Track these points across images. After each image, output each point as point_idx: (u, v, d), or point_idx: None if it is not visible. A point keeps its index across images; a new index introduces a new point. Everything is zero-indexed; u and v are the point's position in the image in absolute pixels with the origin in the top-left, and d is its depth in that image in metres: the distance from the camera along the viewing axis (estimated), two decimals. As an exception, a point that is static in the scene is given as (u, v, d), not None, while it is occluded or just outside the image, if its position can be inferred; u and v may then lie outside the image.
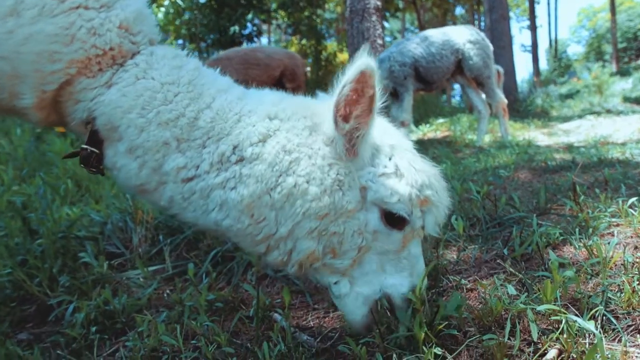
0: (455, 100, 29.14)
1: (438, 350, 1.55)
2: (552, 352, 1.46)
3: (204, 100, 1.73)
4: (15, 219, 3.65)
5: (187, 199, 1.70)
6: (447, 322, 1.71)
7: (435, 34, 8.26)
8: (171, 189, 1.70)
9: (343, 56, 22.65)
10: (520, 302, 1.66)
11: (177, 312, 2.18)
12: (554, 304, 1.56)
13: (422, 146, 8.41)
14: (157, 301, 2.66)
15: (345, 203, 1.61)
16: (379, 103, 1.60)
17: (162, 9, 18.25)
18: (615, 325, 1.55)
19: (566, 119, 12.60)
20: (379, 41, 10.67)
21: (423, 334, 1.53)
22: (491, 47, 8.35)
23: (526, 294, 1.77)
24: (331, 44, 25.78)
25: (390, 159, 1.68)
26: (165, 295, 2.71)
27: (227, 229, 1.70)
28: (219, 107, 1.73)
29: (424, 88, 8.42)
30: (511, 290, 1.78)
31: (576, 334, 1.49)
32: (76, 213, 3.97)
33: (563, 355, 1.45)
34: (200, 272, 2.82)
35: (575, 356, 1.41)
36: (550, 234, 2.23)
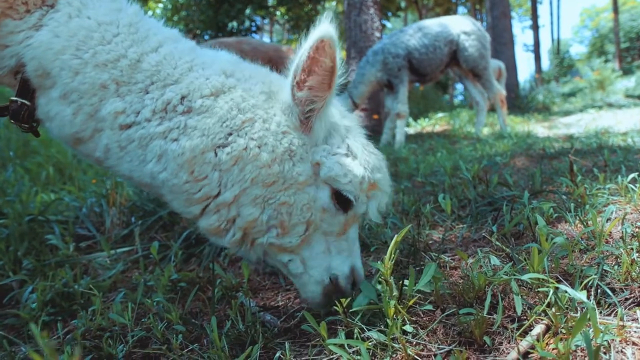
0: (457, 100, 28.95)
1: (409, 327, 1.37)
2: (539, 328, 1.27)
3: (149, 43, 1.60)
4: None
5: (124, 147, 1.57)
6: (421, 297, 1.54)
7: (430, 25, 8.01)
8: (108, 136, 1.56)
9: (343, 54, 22.42)
10: (503, 273, 1.47)
11: (138, 292, 2.00)
12: (542, 276, 1.37)
13: (420, 139, 8.24)
14: (122, 283, 2.49)
15: (295, 174, 1.57)
16: (338, 80, 1.53)
17: (160, 5, 18.12)
18: (612, 297, 1.36)
19: (567, 113, 12.37)
20: (377, 34, 10.45)
21: (392, 309, 1.34)
22: (488, 38, 8.11)
23: (511, 263, 1.58)
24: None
25: (344, 140, 1.66)
26: (133, 277, 2.53)
27: (162, 183, 1.58)
28: (167, 53, 1.60)
29: (418, 80, 8.20)
30: (494, 260, 1.60)
31: (566, 308, 1.30)
32: (51, 198, 3.81)
33: (551, 332, 1.26)
34: (169, 253, 2.64)
35: (564, 332, 1.23)
36: (544, 209, 2.03)
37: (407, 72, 7.82)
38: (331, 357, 1.34)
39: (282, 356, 1.39)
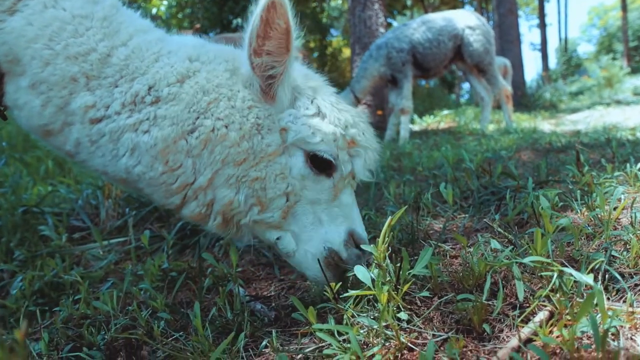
0: (464, 100, 28.73)
1: (403, 315, 1.29)
2: (542, 314, 1.19)
3: (120, 37, 1.59)
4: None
5: (95, 142, 1.55)
6: (419, 285, 1.46)
7: (434, 19, 7.89)
8: (78, 130, 1.54)
9: (348, 50, 22.29)
10: (504, 257, 1.39)
11: (125, 280, 1.93)
12: (546, 259, 1.29)
13: (424, 135, 8.13)
14: (114, 274, 2.43)
15: (264, 146, 1.55)
16: (296, 41, 1.52)
17: (165, 3, 18.06)
18: (620, 282, 1.27)
19: (575, 110, 12.22)
20: (382, 30, 10.35)
21: (386, 294, 1.26)
22: (492, 33, 7.98)
23: (512, 247, 1.49)
24: (337, 39, 25.37)
25: (312, 101, 1.63)
26: (124, 267, 2.47)
27: (138, 177, 1.56)
28: (135, 46, 1.59)
29: (422, 75, 8.08)
30: (495, 244, 1.51)
31: (571, 293, 1.22)
32: (48, 190, 3.76)
33: (555, 318, 1.18)
34: (163, 244, 2.57)
35: (570, 318, 1.14)
36: (549, 195, 1.94)
37: (411, 67, 7.71)
38: (320, 345, 1.26)
39: (268, 344, 1.32)
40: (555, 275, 1.19)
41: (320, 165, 1.59)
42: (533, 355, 1.04)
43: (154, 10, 16.07)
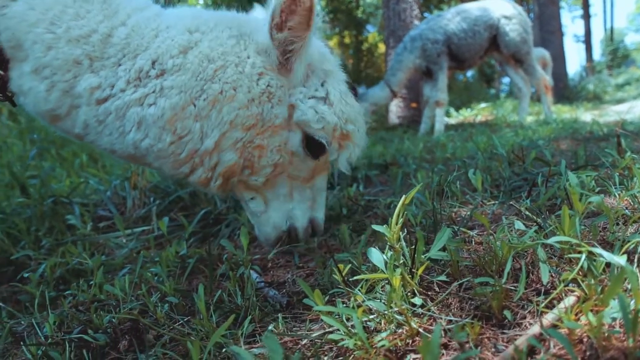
0: (503, 94, 28.01)
1: (417, 300, 1.20)
2: (569, 300, 1.08)
3: (119, 17, 1.61)
4: (14, 187, 3.54)
5: (102, 121, 1.58)
6: (437, 269, 1.37)
7: (469, 8, 7.65)
8: (85, 112, 1.57)
9: (384, 47, 22.06)
10: (528, 239, 1.28)
11: (137, 265, 1.92)
12: (573, 239, 1.17)
13: (460, 128, 7.92)
14: (136, 261, 2.42)
15: (273, 117, 1.59)
16: (317, 18, 1.54)
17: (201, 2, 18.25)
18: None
19: (620, 101, 11.70)
20: (416, 22, 10.15)
21: (398, 278, 1.18)
22: (529, 22, 7.68)
23: (537, 227, 1.38)
24: (373, 35, 25.09)
25: (322, 83, 1.67)
26: (142, 254, 2.46)
27: (146, 151, 1.59)
28: (134, 24, 1.61)
29: (457, 66, 7.86)
30: (519, 225, 1.40)
31: (603, 277, 1.10)
32: (77, 181, 3.82)
33: (583, 305, 1.07)
34: (184, 232, 2.55)
35: (599, 304, 1.03)
36: (583, 179, 1.80)
37: (446, 58, 7.52)
38: (327, 330, 1.19)
39: (274, 329, 1.25)
40: (584, 256, 1.08)
41: (312, 147, 1.67)
42: (557, 343, 0.94)
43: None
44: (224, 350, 1.18)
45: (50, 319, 1.40)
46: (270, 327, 1.27)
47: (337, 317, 1.16)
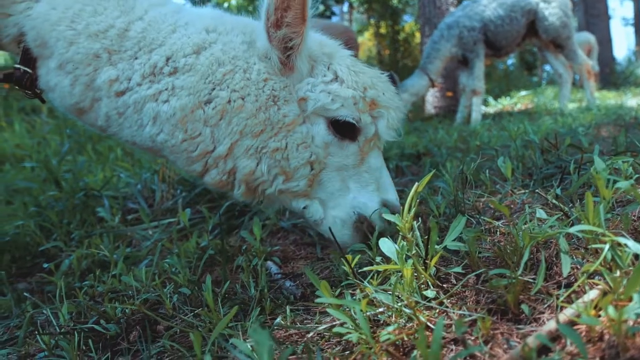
0: (545, 82, 27.09)
1: (430, 293, 1.14)
2: (592, 294, 1.00)
3: (136, 13, 1.66)
4: (50, 181, 3.64)
5: (122, 114, 1.63)
6: (454, 260, 1.30)
7: (505, -7, 7.39)
8: (106, 104, 1.63)
9: (418, 32, 21.60)
10: (548, 227, 1.19)
11: (155, 256, 1.93)
12: (597, 228, 1.08)
13: (497, 117, 7.69)
14: (162, 253, 2.44)
15: (281, 117, 1.57)
16: (311, 10, 1.53)
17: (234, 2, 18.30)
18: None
19: (671, 86, 11.11)
20: (452, 9, 9.92)
21: (410, 269, 1.12)
22: (569, 4, 7.34)
23: (560, 214, 1.29)
24: (409, 24, 24.66)
25: (328, 67, 1.63)
26: (166, 246, 2.48)
27: (162, 145, 1.63)
28: (151, 19, 1.65)
29: (493, 54, 7.60)
30: (540, 213, 1.32)
31: (629, 269, 1.02)
32: (109, 176, 3.90)
33: (606, 299, 0.99)
34: (208, 224, 2.56)
35: (623, 298, 0.95)
36: (620, 165, 1.69)
37: (482, 46, 7.29)
38: (334, 323, 1.15)
39: (282, 321, 1.22)
40: (607, 246, 0.99)
41: (343, 129, 1.60)
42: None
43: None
44: (230, 342, 1.16)
45: (64, 310, 1.41)
46: (278, 320, 1.24)
47: (346, 309, 1.12)
